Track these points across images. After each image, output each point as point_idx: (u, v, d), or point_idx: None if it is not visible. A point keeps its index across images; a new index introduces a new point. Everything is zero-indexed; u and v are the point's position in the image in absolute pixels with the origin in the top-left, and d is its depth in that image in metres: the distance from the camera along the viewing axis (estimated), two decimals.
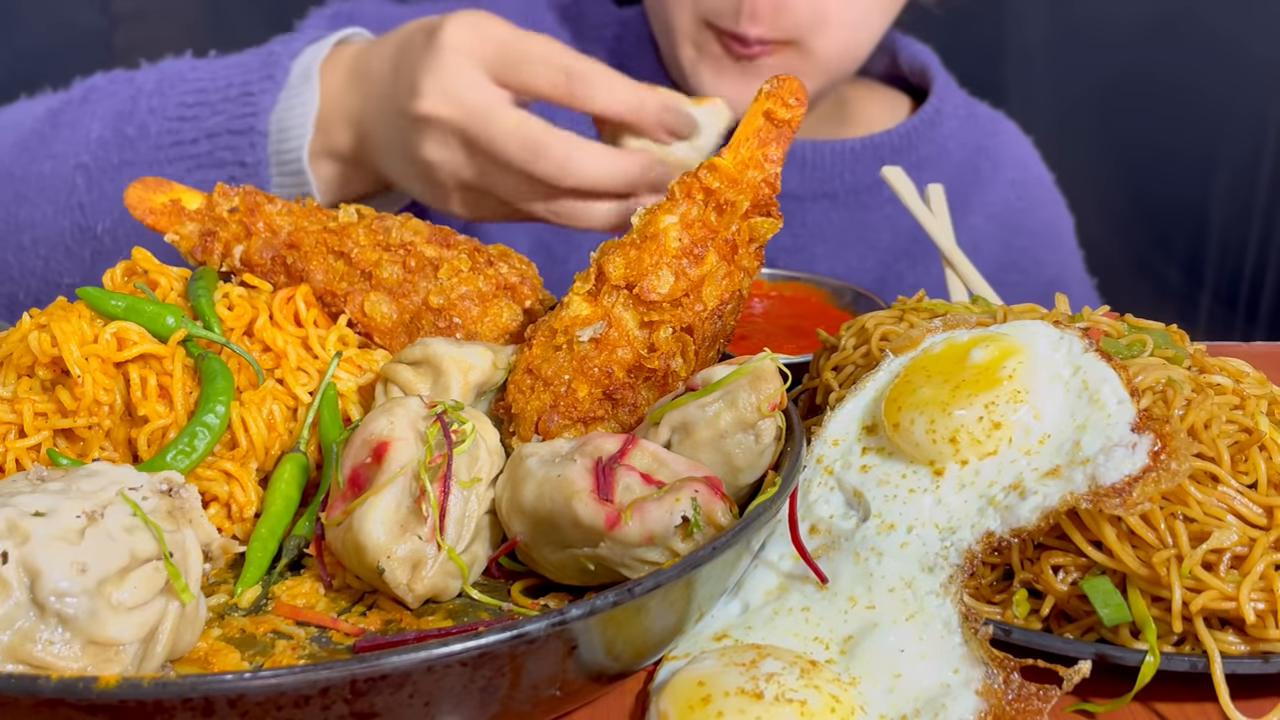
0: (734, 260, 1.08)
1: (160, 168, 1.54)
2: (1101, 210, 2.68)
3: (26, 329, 1.07)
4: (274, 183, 1.53)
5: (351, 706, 0.72)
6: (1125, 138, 3.20)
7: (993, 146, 2.17)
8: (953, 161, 2.11)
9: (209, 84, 1.56)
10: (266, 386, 1.08)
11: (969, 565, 0.93)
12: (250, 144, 1.50)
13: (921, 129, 2.08)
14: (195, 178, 1.53)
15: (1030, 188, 2.21)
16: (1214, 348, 1.22)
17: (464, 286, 1.17)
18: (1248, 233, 3.26)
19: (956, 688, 0.87)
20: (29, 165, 1.62)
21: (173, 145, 1.55)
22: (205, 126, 1.53)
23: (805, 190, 2.04)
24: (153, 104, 1.58)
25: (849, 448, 1.05)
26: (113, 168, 1.57)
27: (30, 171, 1.61)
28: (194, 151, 1.54)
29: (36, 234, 1.61)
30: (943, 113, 2.11)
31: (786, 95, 1.11)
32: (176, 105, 1.56)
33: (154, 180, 1.24)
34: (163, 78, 1.61)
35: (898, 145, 2.06)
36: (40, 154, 1.62)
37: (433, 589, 0.93)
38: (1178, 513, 0.93)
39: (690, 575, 0.84)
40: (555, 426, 1.04)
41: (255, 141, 1.50)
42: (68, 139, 1.61)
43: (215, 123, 1.53)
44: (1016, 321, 1.08)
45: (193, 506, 0.88)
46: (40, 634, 0.75)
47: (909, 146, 2.07)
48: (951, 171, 2.10)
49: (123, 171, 1.56)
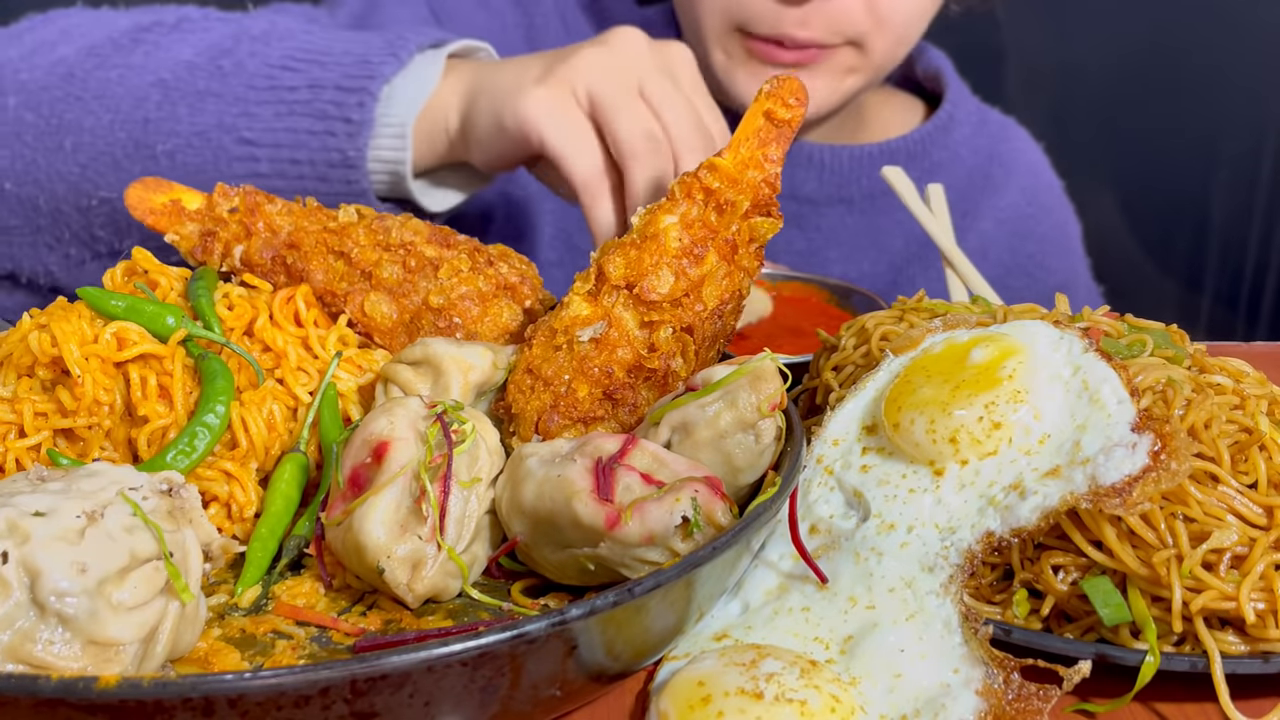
0: (734, 260, 1.08)
1: (247, 105, 1.50)
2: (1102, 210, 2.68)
3: (26, 329, 1.07)
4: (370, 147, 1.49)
5: (351, 706, 0.72)
6: (1125, 137, 3.20)
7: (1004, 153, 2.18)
8: (965, 167, 2.13)
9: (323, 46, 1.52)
10: (266, 386, 1.08)
11: (969, 565, 0.93)
12: (359, 102, 1.46)
13: (935, 135, 2.10)
14: (286, 123, 1.49)
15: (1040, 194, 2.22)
16: (1214, 348, 1.22)
17: (464, 286, 1.17)
18: (1248, 232, 3.26)
19: (956, 688, 0.87)
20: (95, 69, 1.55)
21: (268, 88, 1.51)
22: (311, 78, 1.49)
23: (822, 195, 2.05)
24: (255, 48, 1.54)
25: (849, 448, 1.05)
26: (195, 93, 1.52)
27: (95, 76, 1.55)
28: (291, 98, 1.50)
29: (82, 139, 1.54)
30: (956, 119, 2.12)
31: (787, 95, 1.11)
32: (281, 56, 1.53)
33: (154, 180, 1.24)
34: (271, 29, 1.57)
35: (913, 151, 2.08)
36: (113, 61, 1.56)
37: (433, 589, 0.93)
38: (1178, 513, 0.93)
39: (690, 575, 0.84)
40: (555, 426, 1.04)
41: (364, 101, 1.46)
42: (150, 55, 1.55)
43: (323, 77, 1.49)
44: (1016, 321, 1.08)
45: (193, 506, 0.88)
46: (40, 634, 0.75)
47: (923, 152, 2.09)
48: (964, 177, 2.12)
49: (205, 100, 1.52)
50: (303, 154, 1.49)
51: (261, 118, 1.50)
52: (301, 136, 1.49)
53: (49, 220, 1.61)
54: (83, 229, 1.60)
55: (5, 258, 1.67)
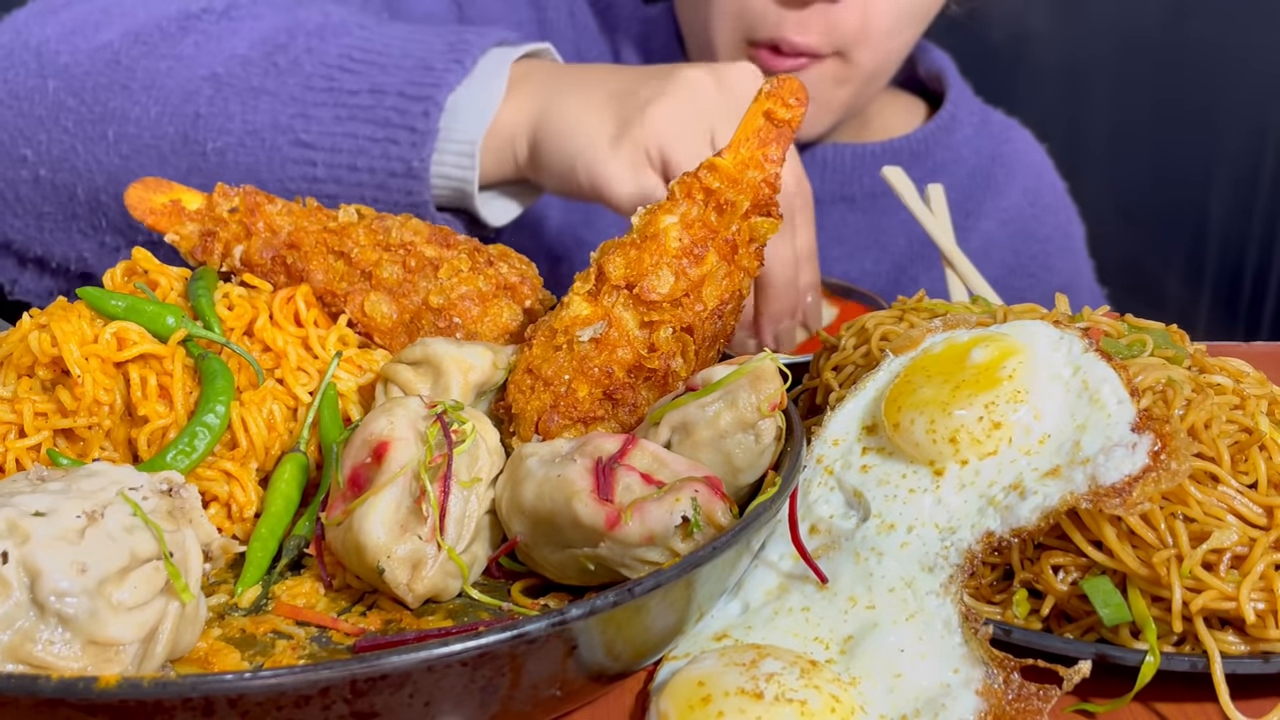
0: (734, 260, 1.08)
1: (304, 106, 1.46)
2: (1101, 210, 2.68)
3: (26, 329, 1.07)
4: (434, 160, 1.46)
5: (351, 706, 0.72)
6: (1126, 137, 3.20)
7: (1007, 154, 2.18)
8: (967, 167, 2.12)
9: (381, 45, 1.48)
10: (266, 386, 1.08)
11: (969, 565, 0.93)
12: (424, 111, 1.43)
13: (937, 134, 2.10)
14: (346, 128, 1.45)
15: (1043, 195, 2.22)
16: (1214, 348, 1.22)
17: (464, 286, 1.17)
18: (1248, 232, 3.26)
19: (956, 688, 0.87)
20: (142, 58, 1.50)
21: (326, 89, 1.47)
22: (372, 81, 1.45)
23: (824, 193, 2.04)
24: (311, 44, 1.50)
25: (849, 448, 1.05)
26: (249, 89, 1.48)
27: (142, 65, 1.50)
28: (352, 102, 1.46)
29: (126, 130, 1.50)
30: (957, 119, 2.12)
31: (787, 95, 1.11)
32: (338, 55, 1.48)
33: (154, 180, 1.24)
34: (326, 23, 1.53)
35: (915, 150, 2.07)
36: (161, 50, 1.51)
37: (433, 589, 0.93)
38: (1178, 513, 0.93)
39: (690, 575, 0.84)
40: (555, 426, 1.04)
41: (430, 111, 1.43)
42: (201, 45, 1.50)
43: (385, 81, 1.45)
44: (1016, 321, 1.08)
45: (193, 506, 0.88)
46: (40, 634, 0.75)
47: (925, 151, 2.08)
48: (966, 178, 2.11)
49: (260, 97, 1.47)
50: (363, 161, 1.46)
51: (320, 120, 1.46)
52: (362, 143, 1.45)
53: (86, 209, 1.56)
54: (120, 218, 1.55)
55: (36, 243, 1.62)
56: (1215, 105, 3.13)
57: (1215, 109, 3.13)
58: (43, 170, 1.54)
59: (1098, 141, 3.20)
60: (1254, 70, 3.06)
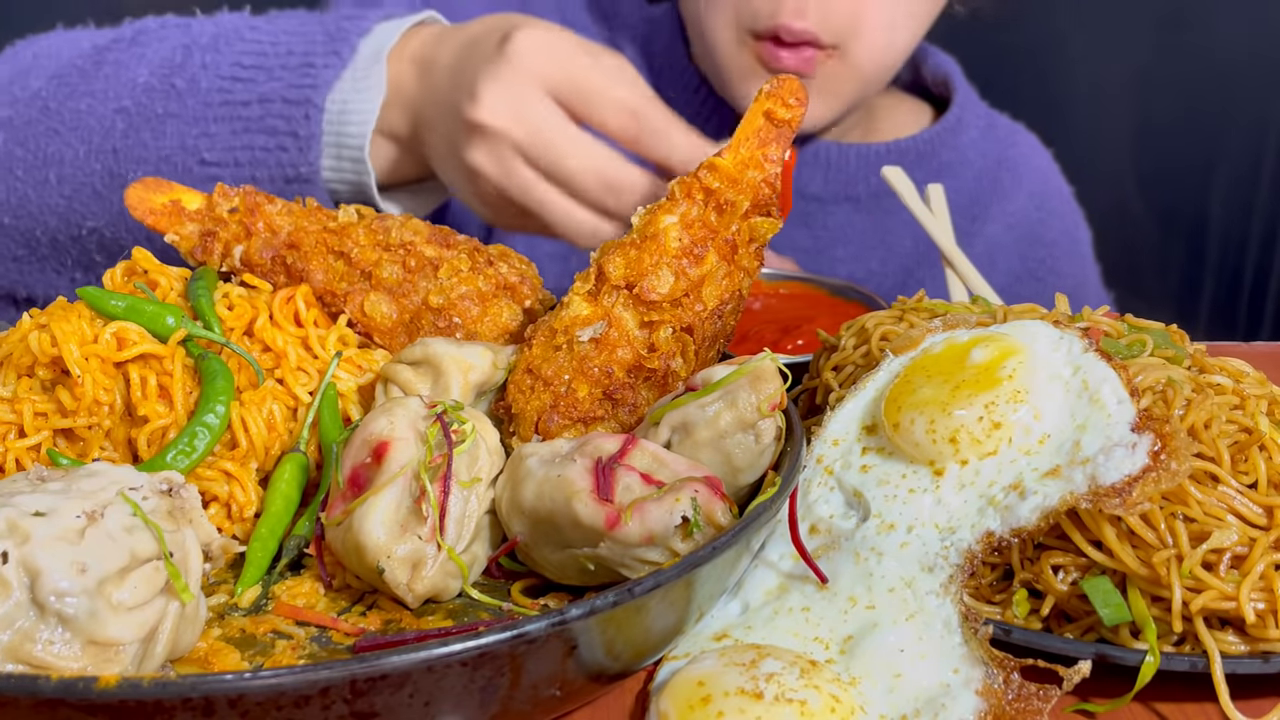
0: (734, 260, 1.08)
1: (205, 124, 1.50)
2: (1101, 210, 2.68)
3: (26, 329, 1.07)
4: (325, 163, 1.49)
5: (351, 706, 0.72)
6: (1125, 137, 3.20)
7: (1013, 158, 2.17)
8: (973, 170, 2.11)
9: (269, 48, 1.51)
10: (266, 386, 1.08)
11: (969, 565, 0.93)
12: (305, 115, 1.46)
13: (944, 136, 2.09)
14: (242, 140, 1.49)
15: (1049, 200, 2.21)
16: (1214, 348, 1.22)
17: (464, 286, 1.17)
18: (1248, 232, 3.26)
19: (956, 688, 0.87)
20: (66, 100, 1.56)
21: (222, 104, 1.50)
22: (259, 90, 1.48)
23: (828, 193, 2.03)
24: (206, 59, 1.53)
25: (849, 448, 1.05)
26: (156, 118, 1.52)
27: (66, 107, 1.56)
28: (244, 114, 1.49)
29: (64, 171, 1.56)
30: (964, 121, 2.11)
31: (786, 95, 1.11)
32: (231, 65, 1.51)
33: (154, 180, 1.24)
34: (219, 33, 1.56)
35: (921, 151, 2.07)
36: (80, 90, 1.56)
37: (433, 589, 0.93)
38: (1178, 513, 0.93)
39: (690, 575, 0.84)
40: (555, 426, 1.04)
41: (310, 114, 1.45)
42: (111, 79, 1.55)
43: (270, 88, 1.48)
44: (1016, 321, 1.08)
45: (193, 506, 0.88)
46: (40, 634, 0.75)
47: (931, 153, 2.08)
48: (972, 180, 2.11)
49: (166, 123, 1.51)
50: (261, 172, 1.49)
51: (220, 137, 1.50)
52: (257, 154, 1.48)
53: (49, 249, 1.63)
54: (81, 255, 1.62)
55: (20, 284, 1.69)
56: (1215, 104, 3.13)
57: (1215, 108, 3.14)
58: (6, 218, 1.61)
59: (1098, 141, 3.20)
60: (1254, 69, 3.06)
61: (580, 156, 1.33)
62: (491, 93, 1.33)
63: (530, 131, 1.33)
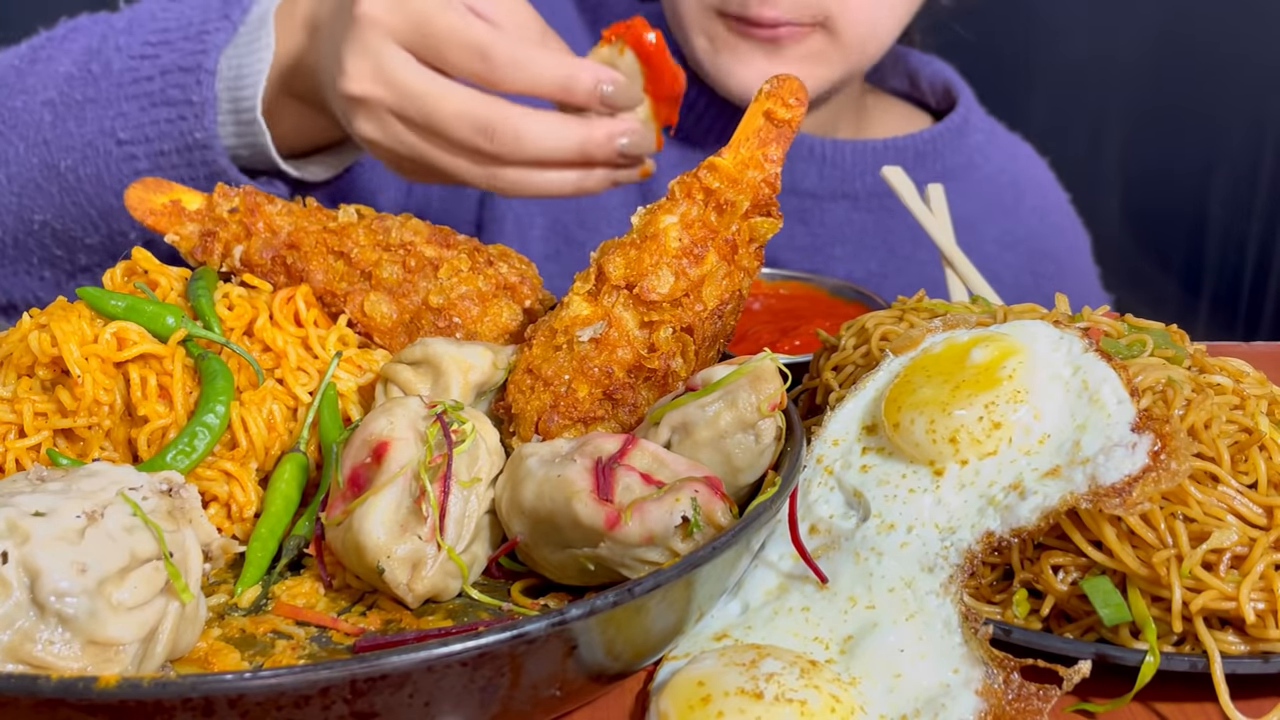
0: (734, 260, 1.08)
1: (119, 104, 1.52)
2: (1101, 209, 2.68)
3: (26, 329, 1.07)
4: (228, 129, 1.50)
5: (351, 706, 0.72)
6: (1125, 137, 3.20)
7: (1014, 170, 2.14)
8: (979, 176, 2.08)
9: (174, 23, 1.52)
10: (266, 386, 1.08)
11: (969, 565, 0.93)
12: (197, 81, 1.46)
13: (949, 136, 2.05)
14: (150, 115, 1.51)
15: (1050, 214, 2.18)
16: (1214, 348, 1.22)
17: (464, 286, 1.17)
18: (1248, 232, 3.26)
19: (956, 688, 0.87)
20: (5, 100, 1.60)
21: (132, 83, 1.52)
22: (161, 64, 1.50)
23: (824, 189, 2.00)
24: (120, 42, 1.55)
25: (849, 448, 1.05)
26: (76, 104, 1.54)
27: (6, 107, 1.59)
28: (150, 88, 1.50)
29: (11, 170, 1.59)
30: (970, 123, 2.07)
31: (786, 95, 1.11)
32: (141, 44, 1.53)
33: (154, 181, 1.25)
34: (135, 16, 1.58)
35: (921, 150, 2.02)
36: (16, 88, 1.60)
37: (433, 589, 0.93)
38: (1178, 513, 0.93)
39: (690, 575, 0.84)
40: (555, 426, 1.04)
41: (202, 79, 1.46)
42: (40, 74, 1.58)
43: (170, 60, 1.49)
44: (1016, 321, 1.08)
45: (193, 506, 0.88)
46: (40, 634, 0.75)
47: (934, 153, 2.03)
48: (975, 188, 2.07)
49: (85, 109, 1.54)
50: (168, 144, 1.50)
51: (130, 114, 1.51)
52: (163, 127, 1.50)
53: (15, 250, 1.66)
54: (43, 251, 1.64)
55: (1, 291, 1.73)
56: (1215, 104, 3.13)
57: (1215, 108, 3.14)
58: None
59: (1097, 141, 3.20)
60: (1254, 68, 3.06)
61: (446, 106, 1.30)
62: (353, 62, 1.31)
63: (398, 93, 1.31)
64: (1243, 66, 3.05)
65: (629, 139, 1.32)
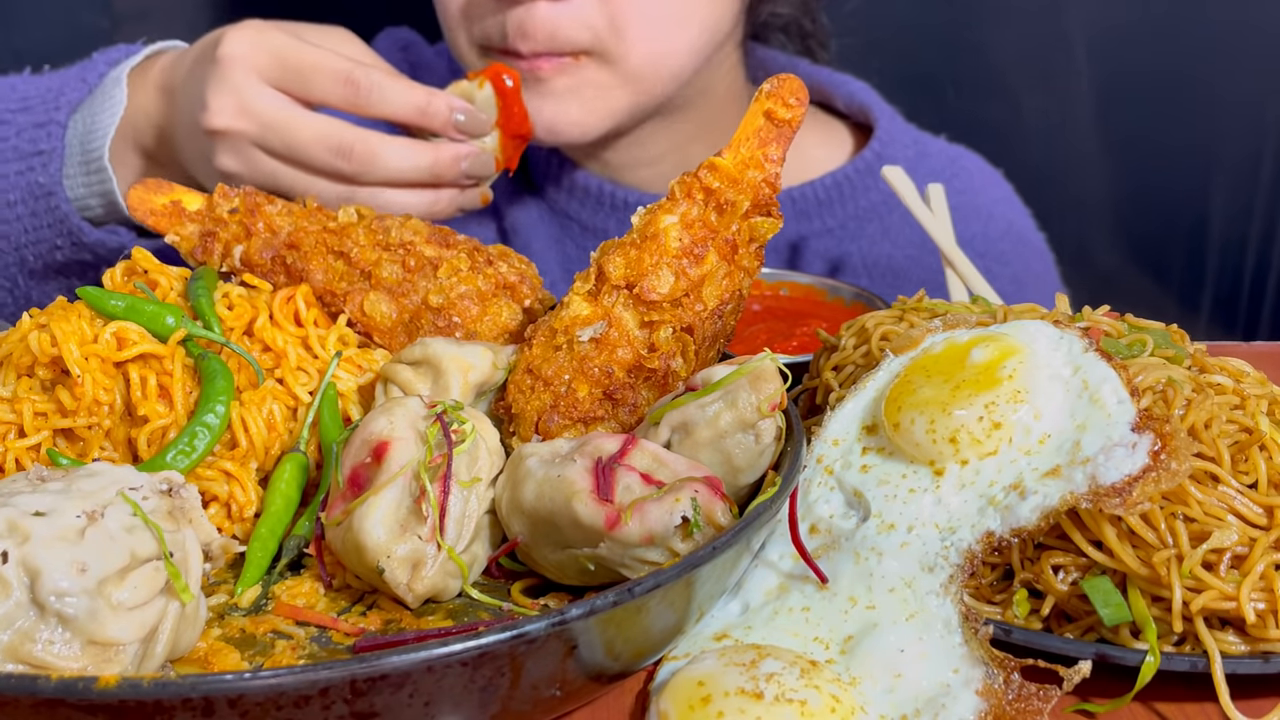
0: (734, 260, 1.08)
1: None
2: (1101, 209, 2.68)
3: (26, 329, 1.07)
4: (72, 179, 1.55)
5: (351, 706, 0.72)
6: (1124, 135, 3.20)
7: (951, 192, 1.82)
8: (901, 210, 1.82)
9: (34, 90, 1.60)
10: (266, 386, 1.08)
11: (969, 565, 0.93)
12: (47, 134, 1.54)
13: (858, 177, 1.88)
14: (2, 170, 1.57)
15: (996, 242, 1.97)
16: (1214, 348, 1.22)
17: (463, 286, 1.17)
18: (1248, 232, 3.26)
19: (956, 688, 0.87)
20: None
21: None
22: (18, 125, 1.58)
23: None
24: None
25: (849, 448, 1.05)
26: None
27: None
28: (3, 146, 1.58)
29: None
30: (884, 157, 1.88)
31: (787, 95, 1.11)
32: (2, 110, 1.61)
33: (154, 181, 1.25)
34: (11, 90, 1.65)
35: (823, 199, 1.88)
36: None
37: (433, 589, 0.93)
38: (1178, 513, 0.93)
39: (690, 575, 0.84)
40: (555, 426, 1.04)
41: (52, 131, 1.54)
42: None
43: (25, 120, 1.57)
44: (1016, 321, 1.08)
45: (193, 506, 0.88)
46: (40, 634, 0.75)
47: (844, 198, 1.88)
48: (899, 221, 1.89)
49: None
50: (15, 195, 1.57)
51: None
52: (11, 179, 1.57)
53: None
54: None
55: None
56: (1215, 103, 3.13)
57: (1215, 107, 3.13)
58: None
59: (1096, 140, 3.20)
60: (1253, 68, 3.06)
61: (305, 131, 1.38)
62: (216, 98, 1.39)
63: (259, 123, 1.38)
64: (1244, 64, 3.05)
65: (469, 162, 1.44)
